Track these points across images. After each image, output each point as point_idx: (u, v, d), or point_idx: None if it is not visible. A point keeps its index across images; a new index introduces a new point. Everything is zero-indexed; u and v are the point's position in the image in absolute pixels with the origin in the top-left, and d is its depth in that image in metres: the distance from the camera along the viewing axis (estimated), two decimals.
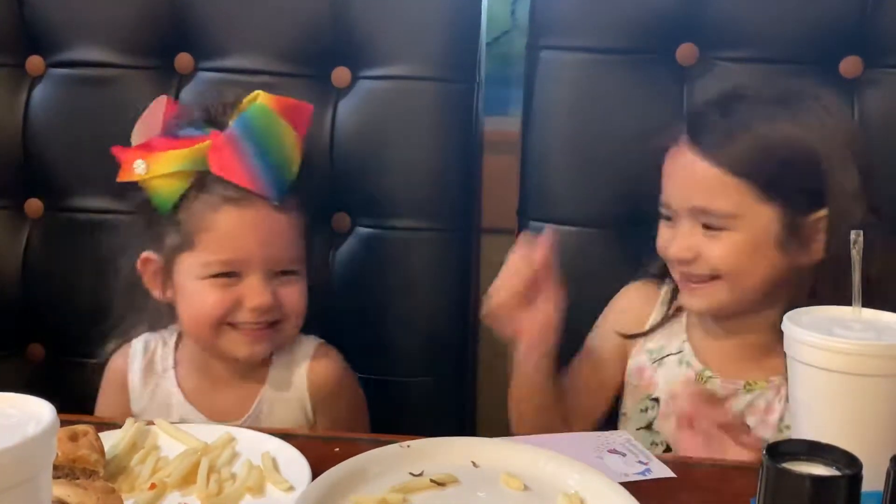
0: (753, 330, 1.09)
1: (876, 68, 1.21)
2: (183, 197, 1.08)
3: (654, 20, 1.25)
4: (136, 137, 1.14)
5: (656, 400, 1.14)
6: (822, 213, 1.03)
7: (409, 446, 0.89)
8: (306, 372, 1.17)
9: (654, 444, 1.12)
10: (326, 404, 1.18)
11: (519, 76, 1.37)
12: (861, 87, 1.21)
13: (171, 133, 1.11)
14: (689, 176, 1.05)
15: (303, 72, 1.32)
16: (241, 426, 1.02)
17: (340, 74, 1.32)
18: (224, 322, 1.10)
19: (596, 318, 1.24)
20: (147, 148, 1.09)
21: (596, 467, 0.87)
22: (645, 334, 1.17)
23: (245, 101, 1.10)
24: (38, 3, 1.35)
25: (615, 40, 1.26)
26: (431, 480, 0.84)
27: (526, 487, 0.84)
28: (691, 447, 1.04)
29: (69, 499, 0.74)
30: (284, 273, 1.12)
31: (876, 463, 0.63)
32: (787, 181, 1.01)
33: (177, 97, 1.34)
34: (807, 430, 0.80)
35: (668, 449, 1.11)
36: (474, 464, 0.88)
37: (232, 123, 1.08)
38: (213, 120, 1.12)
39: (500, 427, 1.38)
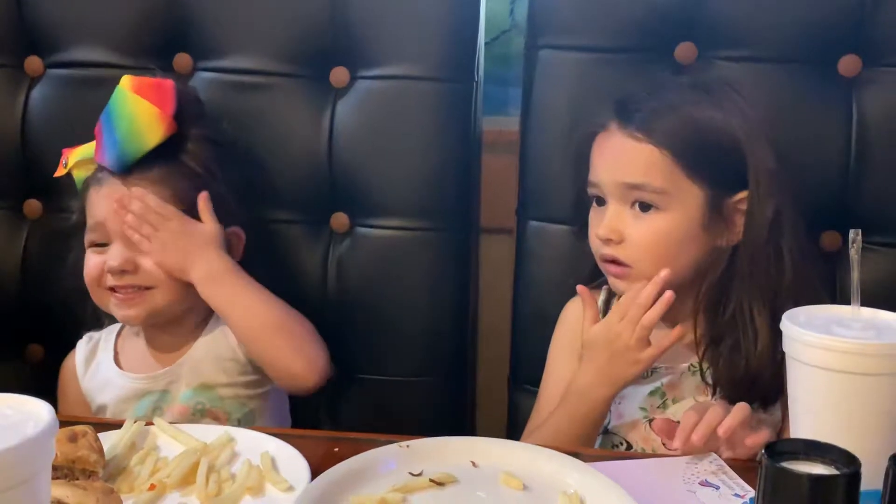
0: (681, 313, 1.09)
1: (874, 67, 1.21)
2: (84, 180, 1.23)
3: (653, 19, 1.24)
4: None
5: None
6: (743, 194, 1.05)
7: (408, 446, 0.89)
8: None
9: (614, 445, 1.13)
10: None
11: (518, 76, 1.37)
12: (859, 85, 1.21)
13: None
14: (620, 155, 1.07)
15: (301, 72, 1.32)
16: (176, 368, 1.20)
17: (339, 74, 1.32)
18: (100, 285, 1.19)
19: None
20: (77, 145, 1.23)
21: (683, 501, 0.84)
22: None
23: None
24: (37, 3, 1.35)
25: (614, 40, 1.26)
26: (431, 480, 0.84)
27: (525, 487, 0.84)
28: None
29: (68, 499, 0.74)
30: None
31: (875, 462, 0.63)
32: (711, 161, 1.04)
33: None
34: (805, 429, 0.80)
35: (629, 447, 1.11)
36: (474, 464, 0.88)
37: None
38: None
39: (499, 427, 1.38)
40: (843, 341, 0.77)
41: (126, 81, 1.19)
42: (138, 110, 1.17)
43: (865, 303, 0.83)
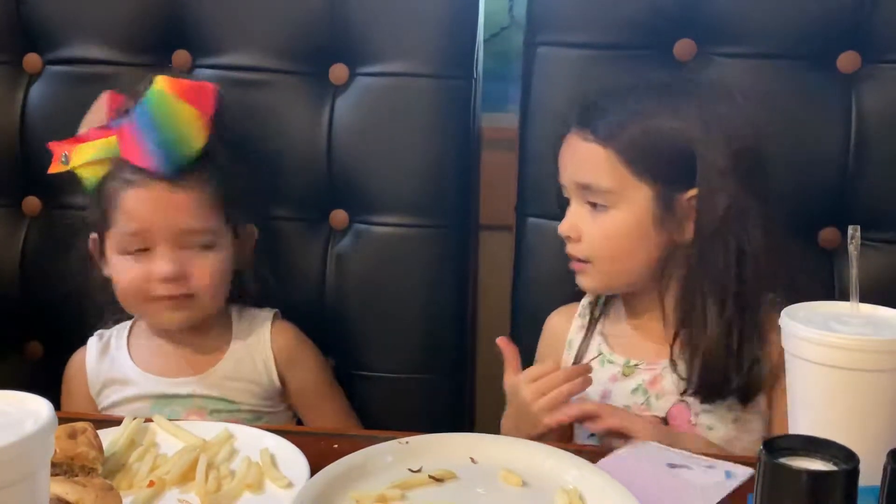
0: (652, 309, 1.12)
1: (873, 63, 1.21)
2: (101, 180, 1.19)
3: (652, 16, 1.24)
4: (82, 130, 1.22)
5: None
6: (694, 191, 1.06)
7: (407, 442, 0.89)
8: (269, 338, 1.25)
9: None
10: (291, 366, 1.26)
11: (517, 72, 1.37)
12: (859, 82, 1.21)
13: (106, 125, 1.20)
14: (574, 156, 1.10)
15: (300, 69, 1.32)
16: (202, 378, 1.20)
17: (338, 71, 1.32)
18: (143, 293, 1.18)
19: None
20: (75, 140, 1.19)
21: (677, 489, 0.85)
22: (577, 359, 1.18)
23: (147, 88, 1.17)
24: (36, 0, 1.35)
25: (613, 36, 1.26)
26: (430, 476, 0.84)
27: (525, 483, 0.84)
28: None
29: (68, 496, 0.74)
30: (198, 247, 1.19)
31: (873, 458, 0.63)
32: (658, 160, 1.05)
33: None
34: (804, 425, 0.81)
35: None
36: (473, 460, 0.88)
37: (135, 109, 1.16)
38: (129, 110, 1.19)
39: (498, 423, 1.38)
40: (841, 337, 0.77)
41: (163, 83, 1.16)
42: (182, 113, 1.16)
43: (864, 299, 0.83)
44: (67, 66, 1.36)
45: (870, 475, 0.62)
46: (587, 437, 1.13)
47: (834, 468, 0.61)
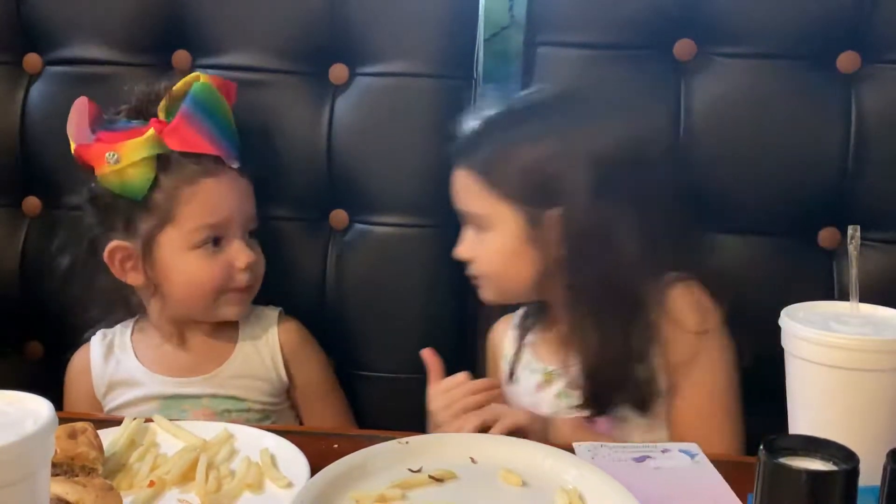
0: (558, 319, 1.15)
1: (873, 63, 1.21)
2: (155, 179, 1.16)
3: (652, 16, 1.24)
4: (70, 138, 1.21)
5: None
6: (558, 210, 1.08)
7: (407, 442, 0.89)
8: (277, 335, 1.26)
9: None
10: (298, 361, 1.27)
11: (517, 73, 1.37)
12: (858, 82, 1.21)
13: (109, 128, 1.19)
14: (456, 184, 1.15)
15: (300, 69, 1.32)
16: (211, 378, 1.21)
17: (338, 71, 1.32)
18: (222, 286, 1.19)
19: None
20: (108, 140, 1.17)
21: (659, 479, 0.87)
22: (513, 369, 1.21)
23: (181, 84, 1.20)
24: (36, 0, 1.35)
25: (613, 36, 1.26)
26: (430, 476, 0.84)
27: (524, 483, 0.84)
28: None
29: (68, 496, 0.74)
30: (249, 234, 1.23)
31: (873, 458, 0.63)
32: (522, 183, 1.09)
33: None
34: (804, 424, 0.81)
35: None
36: (473, 460, 0.88)
37: (183, 104, 1.17)
38: (141, 111, 1.21)
39: None
40: (841, 337, 0.77)
41: (204, 78, 1.20)
42: (226, 106, 1.21)
43: (864, 299, 0.83)
44: (67, 67, 1.36)
45: (869, 475, 0.62)
46: None
47: (834, 468, 0.61)
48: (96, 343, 1.28)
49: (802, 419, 0.81)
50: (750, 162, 1.22)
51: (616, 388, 1.08)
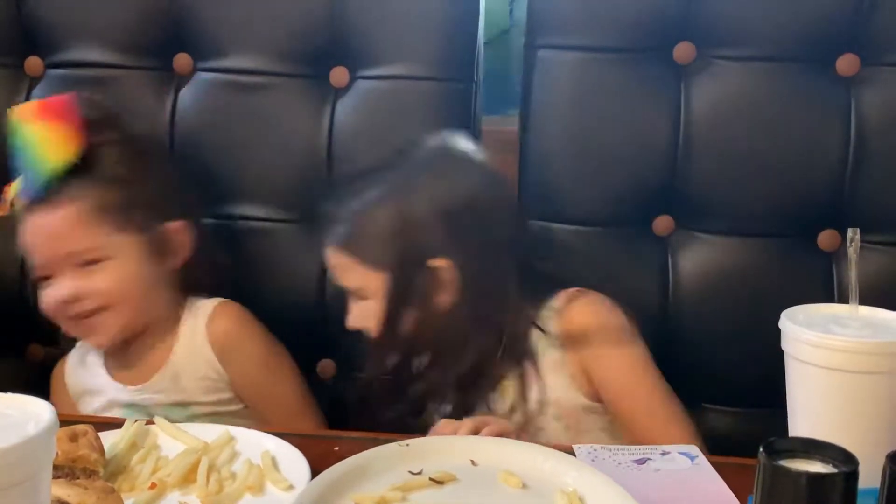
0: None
1: (872, 66, 1.21)
2: None
3: (652, 19, 1.25)
4: None
5: None
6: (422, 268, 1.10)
7: (408, 445, 0.89)
8: (204, 329, 1.22)
9: None
10: (230, 358, 1.22)
11: (517, 75, 1.37)
12: (858, 84, 1.21)
13: None
14: (329, 262, 1.18)
15: (301, 72, 1.32)
16: (151, 384, 1.20)
17: (339, 74, 1.32)
18: (66, 318, 1.17)
19: None
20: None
21: (661, 482, 0.87)
22: None
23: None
24: (37, 4, 1.35)
25: (613, 39, 1.26)
26: (430, 479, 0.84)
27: (524, 485, 0.84)
28: None
29: (69, 498, 0.74)
30: (91, 263, 1.16)
31: (873, 460, 0.63)
32: (387, 247, 1.10)
33: (176, 97, 1.34)
34: (803, 427, 0.81)
35: None
36: (473, 462, 0.88)
37: None
38: None
39: None
40: (840, 340, 0.77)
41: (22, 111, 1.14)
42: (42, 134, 1.13)
43: (864, 301, 0.83)
44: (69, 70, 1.36)
45: (869, 477, 0.62)
46: None
47: (833, 470, 0.61)
48: (74, 351, 1.29)
49: (802, 421, 0.81)
50: (749, 164, 1.22)
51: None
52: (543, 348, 1.13)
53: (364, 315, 1.14)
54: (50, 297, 1.16)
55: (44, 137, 1.13)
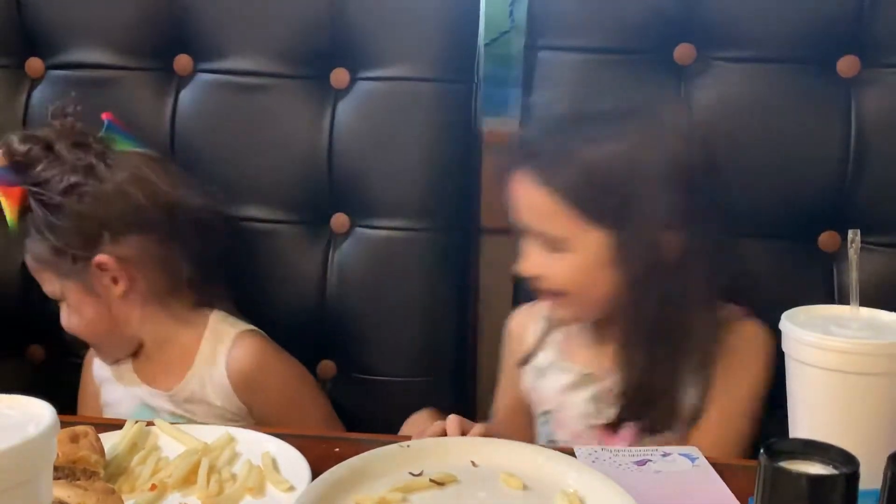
0: (610, 327, 1.11)
1: (873, 68, 1.21)
2: None
3: (652, 20, 1.25)
4: None
5: (548, 413, 1.16)
6: (639, 230, 1.04)
7: (408, 446, 0.89)
8: (224, 364, 1.21)
9: None
10: (250, 396, 1.21)
11: (517, 76, 1.37)
12: (858, 86, 1.21)
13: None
14: (523, 200, 1.08)
15: (301, 73, 1.32)
16: (170, 396, 1.19)
17: (339, 76, 1.32)
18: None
19: None
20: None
21: (663, 483, 0.87)
22: (530, 357, 1.18)
23: None
24: (37, 4, 1.35)
25: (613, 40, 1.26)
26: (431, 480, 0.84)
27: (525, 486, 0.84)
28: None
29: (69, 499, 0.74)
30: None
31: (873, 461, 0.63)
32: (607, 203, 1.03)
33: (176, 98, 1.34)
34: (804, 428, 0.81)
35: None
36: (474, 463, 0.88)
37: None
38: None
39: None
40: (841, 341, 0.77)
41: None
42: None
43: (864, 303, 0.83)
44: (69, 71, 1.36)
45: (870, 479, 0.62)
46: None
47: (834, 472, 0.61)
48: None
49: (803, 423, 0.81)
50: (750, 166, 1.22)
51: (653, 407, 1.06)
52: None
53: (552, 266, 1.06)
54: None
55: None
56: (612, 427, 1.09)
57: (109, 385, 1.26)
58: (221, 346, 1.21)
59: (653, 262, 1.04)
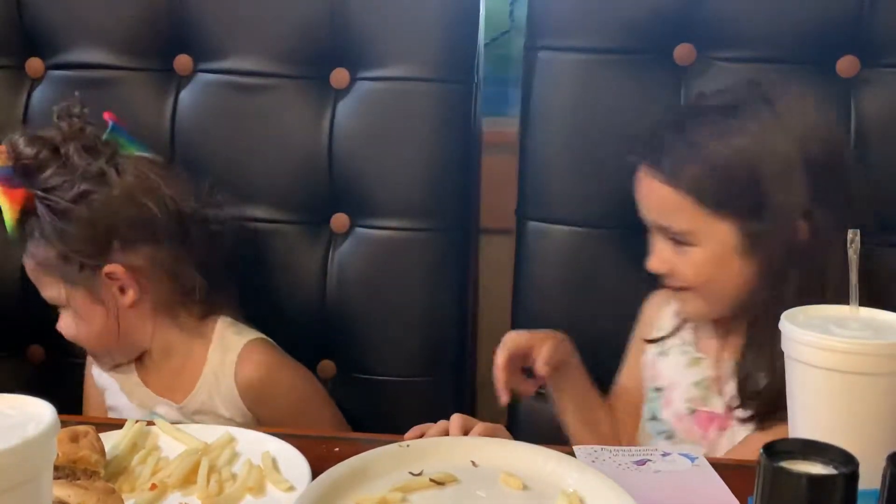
0: (732, 322, 1.11)
1: (872, 68, 1.21)
2: None
3: (652, 20, 1.25)
4: None
5: (660, 390, 1.16)
6: (773, 222, 1.05)
7: (408, 446, 0.89)
8: (232, 374, 1.20)
9: (660, 433, 1.15)
10: (258, 406, 1.20)
11: (517, 76, 1.37)
12: (857, 86, 1.22)
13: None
14: (651, 196, 1.10)
15: (302, 73, 1.32)
16: (179, 408, 1.19)
17: (339, 76, 1.32)
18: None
19: (594, 317, 1.25)
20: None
21: (662, 482, 0.87)
22: (664, 338, 1.19)
23: None
24: (38, 5, 1.35)
25: (613, 40, 1.26)
26: (431, 480, 0.84)
27: (525, 486, 0.84)
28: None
29: (70, 499, 0.74)
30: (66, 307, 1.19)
31: (873, 461, 0.63)
32: (735, 196, 1.04)
33: (176, 98, 1.34)
34: (804, 428, 0.81)
35: (670, 435, 1.13)
36: (474, 463, 0.88)
37: None
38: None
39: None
40: (840, 341, 0.77)
41: None
42: None
43: (864, 301, 0.83)
44: (70, 71, 1.36)
45: (869, 479, 0.62)
46: None
47: (833, 472, 0.61)
48: None
49: (802, 423, 0.81)
50: None
51: (764, 401, 1.06)
52: None
53: (681, 260, 1.07)
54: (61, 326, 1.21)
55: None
56: (715, 415, 1.10)
57: (113, 393, 1.26)
58: (229, 356, 1.20)
59: (789, 253, 1.03)
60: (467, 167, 1.35)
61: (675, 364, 1.16)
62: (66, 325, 1.19)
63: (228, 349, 1.21)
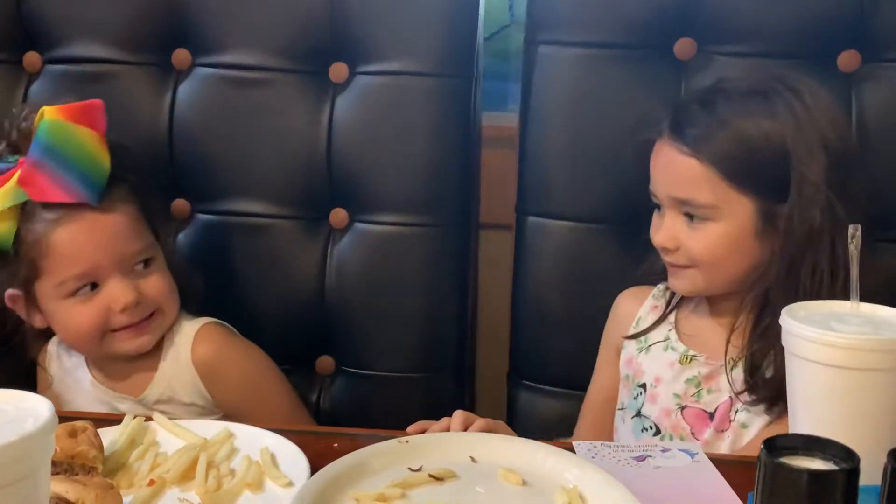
0: (736, 311, 1.11)
1: (873, 62, 1.21)
2: (17, 230, 1.10)
3: (652, 15, 1.24)
4: None
5: (643, 386, 1.16)
6: (791, 203, 1.05)
7: (407, 441, 0.89)
8: (189, 355, 1.20)
9: (644, 429, 1.14)
10: (214, 383, 1.20)
11: (517, 71, 1.37)
12: (859, 81, 1.21)
13: None
14: (672, 169, 1.09)
15: (300, 67, 1.32)
16: (138, 403, 1.17)
17: (338, 70, 1.32)
18: (102, 329, 1.14)
19: (594, 313, 1.25)
20: None
21: (661, 478, 0.87)
22: (641, 334, 1.19)
23: (36, 121, 1.10)
24: None
25: (613, 35, 1.26)
26: (430, 475, 0.84)
27: (525, 482, 0.84)
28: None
29: (68, 495, 0.74)
30: (140, 264, 1.15)
31: (873, 457, 0.63)
32: (759, 174, 1.05)
33: (174, 93, 1.34)
34: (804, 424, 0.81)
35: (657, 431, 1.13)
36: (473, 459, 0.88)
37: (29, 148, 1.09)
38: (17, 148, 1.13)
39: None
40: (841, 337, 0.77)
41: (51, 112, 1.10)
42: (82, 136, 1.11)
43: (865, 297, 0.83)
44: (67, 65, 1.36)
45: (870, 474, 0.62)
46: None
47: (834, 467, 0.61)
48: (52, 345, 1.26)
49: (803, 418, 0.81)
50: None
51: (772, 387, 1.05)
52: None
53: (693, 235, 1.07)
54: (99, 307, 1.12)
55: (86, 139, 1.11)
56: (705, 412, 1.10)
57: (68, 385, 1.24)
58: (184, 342, 1.20)
59: (804, 240, 1.03)
60: (467, 162, 1.34)
61: (659, 360, 1.15)
62: (158, 279, 1.17)
63: (183, 334, 1.20)
